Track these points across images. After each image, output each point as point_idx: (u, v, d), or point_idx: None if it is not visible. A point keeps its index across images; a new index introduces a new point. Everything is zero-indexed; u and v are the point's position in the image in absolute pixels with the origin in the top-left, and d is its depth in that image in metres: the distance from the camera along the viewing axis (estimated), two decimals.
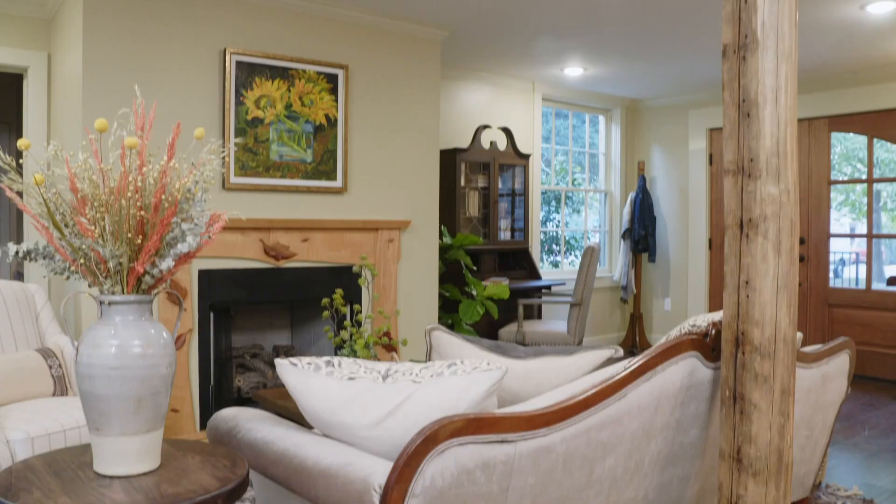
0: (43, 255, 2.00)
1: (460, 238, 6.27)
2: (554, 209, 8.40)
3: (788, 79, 2.08)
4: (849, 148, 7.20)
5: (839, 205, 7.32)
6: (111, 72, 4.25)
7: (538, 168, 7.70)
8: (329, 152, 5.00)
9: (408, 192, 5.47)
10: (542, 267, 8.02)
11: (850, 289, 7.05)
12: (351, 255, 5.11)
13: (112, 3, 4.25)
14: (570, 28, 5.61)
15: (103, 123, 1.77)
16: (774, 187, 2.04)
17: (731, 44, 2.12)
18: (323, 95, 4.97)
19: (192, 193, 1.82)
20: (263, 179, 4.73)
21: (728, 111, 2.12)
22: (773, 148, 2.04)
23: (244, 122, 4.65)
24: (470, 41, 6.00)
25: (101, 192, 1.81)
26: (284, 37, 4.86)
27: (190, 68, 4.51)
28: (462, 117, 7.10)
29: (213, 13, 4.59)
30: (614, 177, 8.66)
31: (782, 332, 2.07)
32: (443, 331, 2.50)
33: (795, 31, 2.11)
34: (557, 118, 8.20)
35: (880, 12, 5.07)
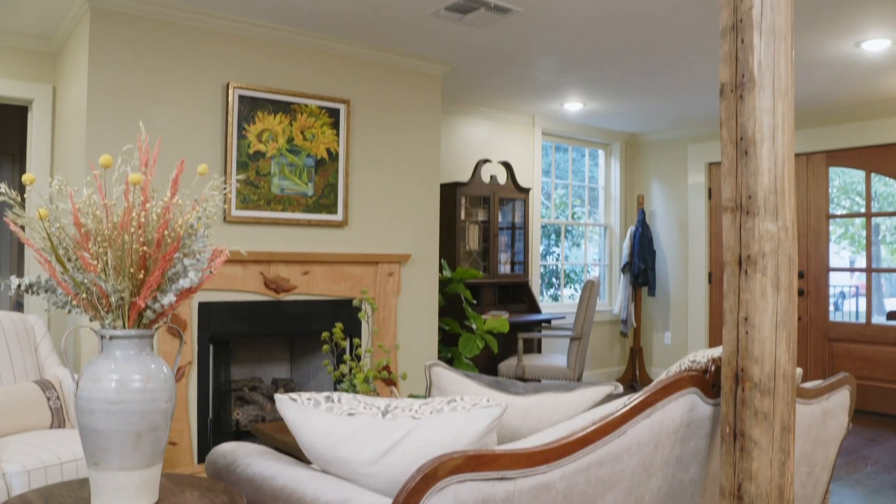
0: (45, 289, 2.01)
1: (460, 272, 6.28)
2: (554, 242, 8.42)
3: (785, 117, 2.10)
4: (847, 181, 7.25)
5: (838, 238, 7.35)
6: (115, 104, 4.29)
7: (538, 202, 7.73)
8: (330, 186, 5.03)
9: (408, 225, 5.50)
10: (541, 300, 8.01)
11: (850, 323, 7.05)
12: (351, 288, 5.11)
13: (117, 38, 4.30)
14: (569, 64, 5.67)
15: (108, 160, 1.79)
16: (773, 224, 2.05)
17: (728, 83, 2.15)
18: (324, 130, 5.01)
19: (194, 229, 1.84)
20: (265, 212, 4.76)
21: (726, 149, 2.14)
22: (771, 185, 2.06)
23: (246, 155, 4.69)
24: (470, 76, 6.06)
25: (104, 227, 1.83)
26: (287, 71, 4.91)
27: (193, 102, 4.56)
28: (462, 151, 7.15)
29: (217, 48, 4.64)
30: (614, 210, 8.70)
31: (782, 368, 2.07)
32: (442, 367, 2.50)
33: (792, 71, 2.14)
34: (557, 152, 8.26)
35: (875, 50, 5.13)
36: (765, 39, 2.09)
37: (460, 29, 4.84)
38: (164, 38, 4.47)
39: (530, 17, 4.62)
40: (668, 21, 4.65)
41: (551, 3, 4.36)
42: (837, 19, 4.55)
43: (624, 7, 4.42)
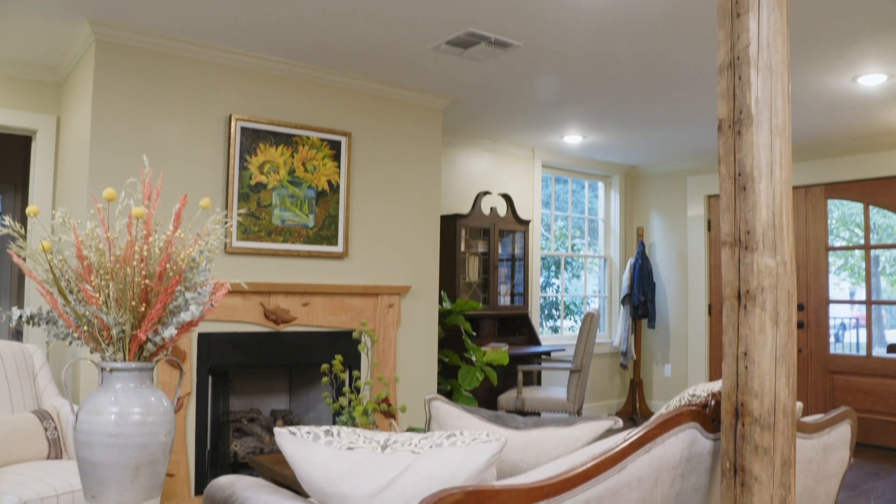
0: (46, 321, 2.02)
1: (460, 303, 6.28)
2: (553, 274, 8.43)
3: (783, 153, 2.12)
4: (846, 213, 7.27)
5: (838, 269, 7.36)
6: (118, 135, 4.32)
7: (538, 233, 7.75)
8: (331, 217, 5.05)
9: (408, 257, 5.51)
10: (541, 332, 8.00)
11: (850, 355, 7.03)
12: (351, 319, 5.11)
13: (121, 69, 4.35)
14: (569, 98, 5.73)
15: (111, 193, 1.81)
16: (771, 259, 2.06)
17: (726, 119, 2.17)
18: (326, 162, 5.04)
19: (196, 263, 1.85)
20: (265, 244, 4.77)
21: (724, 184, 2.16)
22: (769, 221, 2.07)
23: (248, 186, 4.71)
24: (471, 109, 6.11)
25: (106, 260, 1.84)
26: (289, 104, 4.95)
27: (196, 133, 4.59)
28: (463, 183, 7.18)
29: (220, 80, 4.69)
30: (613, 242, 8.72)
31: (782, 403, 2.07)
32: (442, 401, 2.49)
33: (789, 107, 2.16)
34: (557, 183, 8.30)
35: (871, 84, 5.18)
36: (762, 76, 2.12)
37: (461, 63, 4.89)
38: (168, 70, 4.51)
39: (530, 52, 4.67)
40: (666, 57, 4.70)
41: (551, 38, 4.41)
42: (834, 55, 4.60)
43: (622, 45, 4.47)
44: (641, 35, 4.34)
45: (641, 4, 3.88)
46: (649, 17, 4.06)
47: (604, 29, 4.24)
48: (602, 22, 4.13)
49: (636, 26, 4.20)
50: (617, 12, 3.99)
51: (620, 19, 4.09)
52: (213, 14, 4.11)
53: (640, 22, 4.13)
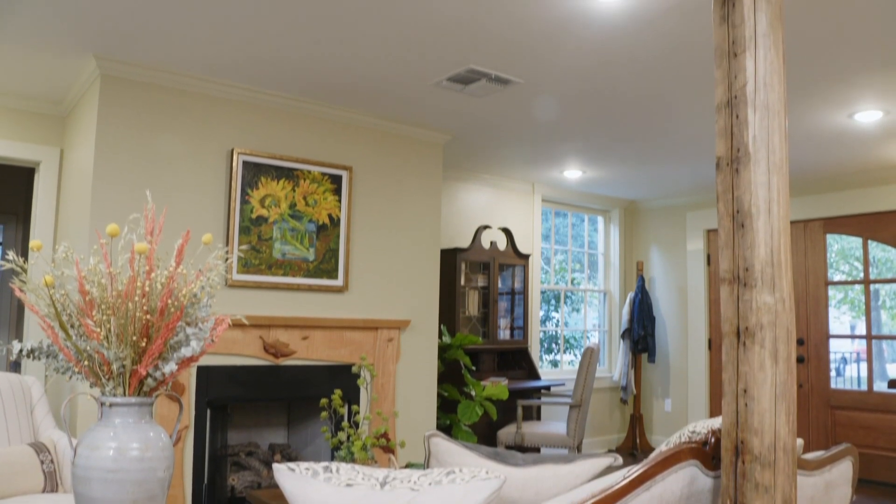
0: (46, 354, 2.02)
1: (460, 337, 6.27)
2: (553, 308, 8.43)
3: (780, 191, 2.14)
4: (846, 246, 7.29)
5: (838, 302, 7.35)
6: (121, 167, 4.35)
7: (538, 267, 7.77)
8: (331, 251, 5.07)
9: (408, 291, 5.51)
10: (541, 366, 7.98)
11: (852, 390, 7.00)
12: (350, 353, 5.11)
13: (125, 103, 4.39)
14: (568, 134, 5.77)
15: (115, 229, 1.82)
16: (770, 296, 2.07)
17: (724, 156, 2.19)
18: (327, 196, 5.07)
19: (197, 298, 1.86)
20: (266, 277, 4.78)
21: (723, 221, 2.17)
22: (768, 258, 2.08)
23: (249, 220, 4.73)
24: (471, 144, 6.16)
25: (108, 295, 1.85)
26: (290, 138, 4.99)
27: (198, 167, 4.62)
28: (463, 217, 7.21)
29: (223, 114, 4.73)
30: (613, 276, 8.73)
31: (782, 441, 2.06)
32: (441, 437, 2.49)
33: (786, 145, 2.19)
34: (557, 217, 8.33)
35: (868, 121, 5.23)
36: (759, 115, 2.14)
37: (462, 99, 4.94)
38: (171, 104, 4.56)
39: (530, 89, 4.72)
40: (664, 95, 4.75)
41: (550, 76, 4.46)
42: (831, 92, 4.65)
43: (620, 82, 4.52)
44: (639, 73, 4.39)
45: (638, 43, 3.93)
46: (647, 56, 4.11)
47: (602, 67, 4.29)
48: (600, 60, 4.18)
49: (634, 65, 4.25)
50: (615, 51, 4.04)
51: (618, 58, 4.14)
52: (216, 49, 4.16)
53: (638, 61, 4.18)
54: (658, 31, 3.77)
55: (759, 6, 2.18)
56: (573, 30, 3.78)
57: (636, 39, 3.90)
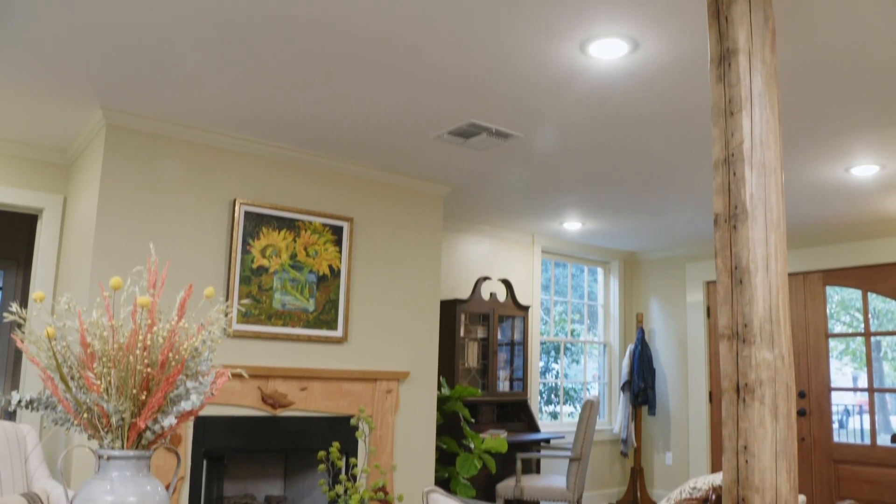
0: (45, 406, 2.02)
1: (459, 389, 6.24)
2: (553, 359, 8.40)
3: (778, 247, 2.16)
4: (846, 297, 7.29)
5: (840, 353, 7.33)
6: (124, 215, 4.38)
7: (537, 318, 7.76)
8: (331, 302, 5.08)
9: (408, 342, 5.51)
10: (540, 418, 7.92)
11: (854, 444, 6.94)
12: (349, 405, 5.08)
13: (130, 152, 4.44)
14: (568, 186, 5.82)
15: (118, 282, 1.84)
16: (769, 352, 2.08)
17: (722, 213, 2.22)
18: (327, 247, 5.09)
19: (198, 352, 1.86)
20: (265, 327, 4.78)
21: (721, 277, 2.19)
22: (766, 314, 2.10)
23: (249, 270, 4.75)
24: (471, 196, 6.20)
25: (109, 348, 1.85)
26: (292, 189, 5.04)
27: (200, 216, 4.66)
28: (462, 268, 7.23)
29: (225, 164, 4.78)
30: (613, 328, 8.71)
31: (783, 498, 2.05)
32: (440, 493, 2.47)
33: (783, 203, 2.22)
34: (557, 267, 8.35)
35: (864, 175, 5.28)
36: (756, 173, 2.18)
37: (462, 152, 4.99)
38: (175, 153, 4.61)
39: (530, 143, 4.78)
40: (662, 150, 4.81)
41: (550, 130, 4.52)
42: (827, 146, 4.71)
43: (618, 137, 4.58)
44: (637, 128, 4.45)
45: (636, 100, 3.99)
46: (645, 112, 4.17)
47: (601, 123, 4.35)
48: (599, 116, 4.24)
49: (632, 121, 4.31)
50: (613, 107, 4.10)
51: (617, 114, 4.21)
52: (220, 101, 4.23)
53: (636, 117, 4.24)
54: (656, 88, 3.84)
55: (755, 67, 2.23)
56: (573, 86, 3.85)
57: (634, 96, 3.96)
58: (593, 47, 3.37)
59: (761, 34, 2.31)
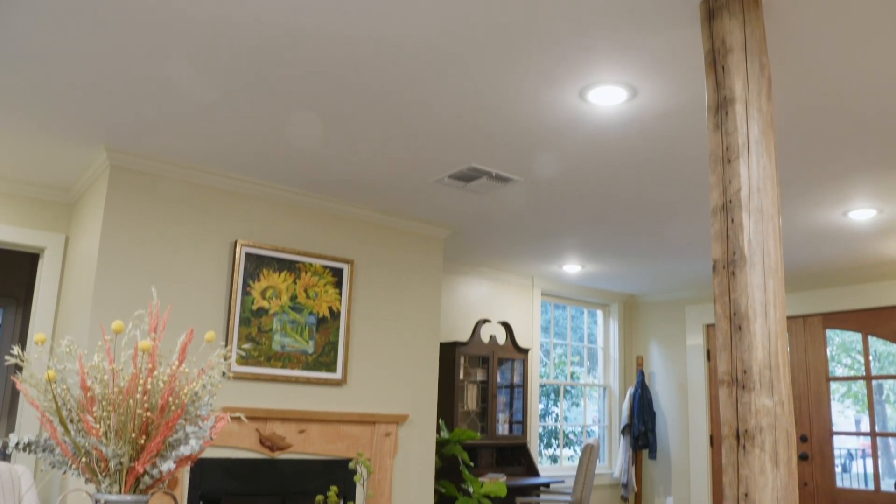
0: (43, 448, 2.01)
1: (458, 433, 6.20)
2: (553, 402, 8.35)
3: (776, 293, 2.18)
4: (847, 340, 7.28)
5: (842, 396, 7.30)
6: (125, 256, 4.40)
7: (537, 361, 7.74)
8: (330, 344, 5.07)
9: (407, 385, 5.49)
10: (540, 462, 7.85)
11: (858, 490, 6.87)
12: (347, 448, 5.04)
13: (132, 193, 4.47)
14: (567, 230, 5.85)
15: (120, 326, 1.84)
16: (769, 399, 2.08)
17: (720, 259, 2.24)
18: (328, 289, 5.10)
19: (199, 397, 1.86)
20: (264, 369, 4.77)
21: (720, 323, 2.20)
22: (766, 360, 2.10)
23: (249, 311, 4.75)
24: (471, 239, 6.23)
25: (109, 392, 1.85)
26: (293, 231, 5.06)
27: (201, 257, 4.67)
28: (462, 311, 7.23)
29: (227, 206, 4.81)
30: (613, 371, 8.68)
31: None
32: None
33: (780, 249, 2.23)
34: (556, 309, 8.35)
35: (862, 219, 5.31)
36: (753, 219, 2.20)
37: (463, 195, 5.03)
38: (178, 195, 4.64)
39: (529, 187, 4.81)
40: (660, 195, 4.84)
41: (550, 175, 4.56)
42: (824, 191, 4.74)
43: (618, 183, 4.61)
44: (636, 173, 4.48)
45: (635, 145, 4.03)
46: (643, 158, 4.21)
47: (600, 168, 4.39)
48: (598, 161, 4.28)
49: (631, 166, 4.35)
50: (612, 152, 4.14)
51: (615, 159, 4.24)
52: (223, 143, 4.27)
53: (634, 162, 4.28)
54: (654, 134, 3.88)
55: (751, 115, 2.26)
56: (572, 132, 3.89)
57: (633, 142, 4.01)
58: (592, 94, 3.42)
59: (757, 83, 2.35)
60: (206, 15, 2.87)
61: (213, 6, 2.80)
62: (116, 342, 1.98)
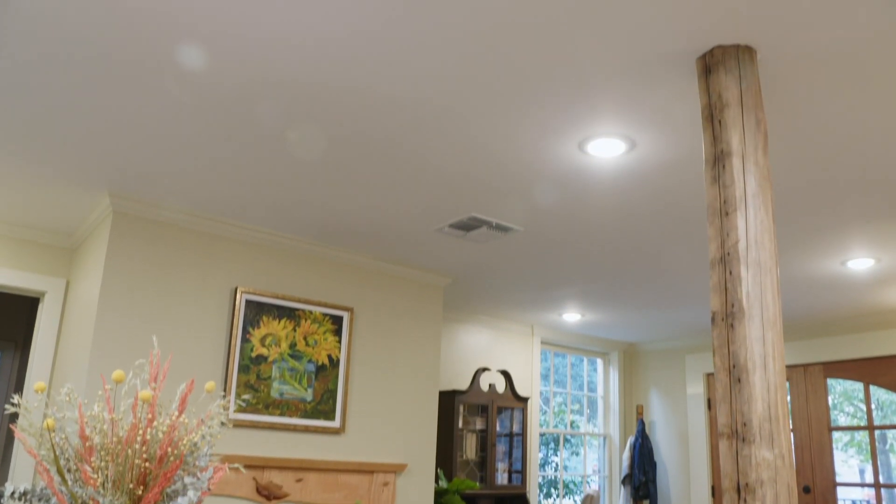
0: (39, 498, 2.00)
1: (456, 482, 6.13)
2: (552, 451, 8.28)
3: (775, 346, 2.18)
4: (848, 388, 7.24)
5: (845, 445, 7.23)
6: (126, 301, 4.40)
7: (537, 410, 7.69)
8: (329, 392, 5.05)
9: (405, 433, 5.45)
10: None
11: None
12: (345, 497, 4.99)
13: (134, 238, 4.50)
14: (567, 279, 5.87)
15: (120, 375, 1.85)
16: (769, 452, 2.07)
17: (719, 311, 2.25)
18: (327, 336, 5.10)
19: (198, 447, 1.86)
20: (262, 416, 4.74)
21: (720, 375, 2.20)
22: (765, 413, 2.10)
23: (248, 358, 4.74)
24: (471, 287, 6.24)
25: (108, 441, 1.85)
26: (293, 278, 5.08)
27: (201, 303, 4.68)
28: (461, 359, 7.21)
29: (228, 252, 4.83)
30: (613, 420, 8.62)
31: None
32: None
33: (779, 301, 2.25)
34: (556, 357, 8.32)
35: (861, 268, 5.33)
36: (751, 272, 2.21)
37: (463, 244, 5.06)
38: (180, 241, 4.66)
39: (529, 237, 4.84)
40: (660, 245, 4.87)
41: (549, 225, 4.60)
42: (822, 241, 4.77)
43: (617, 233, 4.64)
44: (635, 224, 4.51)
45: (633, 197, 4.07)
46: (641, 209, 4.25)
47: (599, 218, 4.42)
48: (597, 212, 4.32)
49: (630, 217, 4.38)
50: (610, 203, 4.18)
51: (614, 210, 4.28)
52: (225, 191, 4.31)
53: (633, 213, 4.31)
54: (653, 185, 3.92)
55: (748, 169, 2.30)
56: (571, 183, 3.93)
57: (632, 193, 4.04)
58: (591, 146, 3.46)
59: (754, 137, 2.39)
60: (207, 73, 2.92)
61: (212, 64, 2.85)
62: (116, 391, 1.98)
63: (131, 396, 1.98)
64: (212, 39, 2.72)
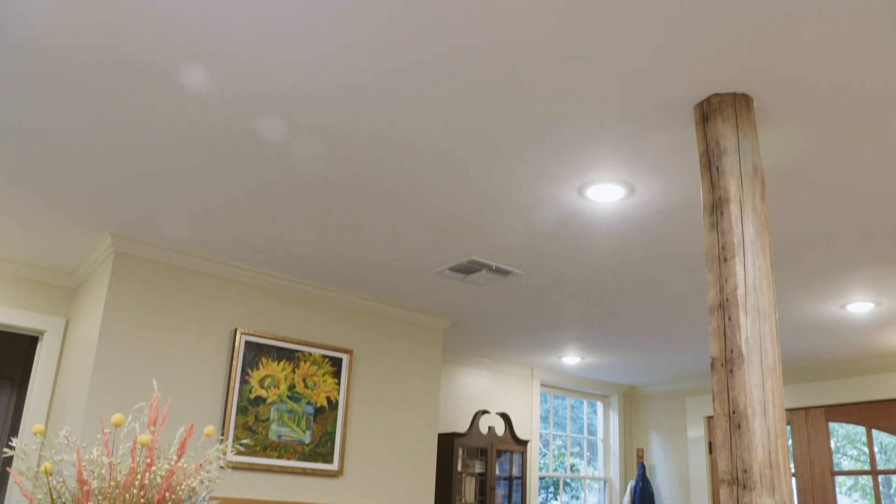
0: None
1: None
2: (552, 495, 8.19)
3: (775, 392, 2.18)
4: (851, 431, 7.18)
5: (849, 489, 7.14)
6: (125, 341, 4.40)
7: (536, 453, 7.63)
8: (328, 434, 5.02)
9: (404, 476, 5.40)
10: None
11: None
12: None
13: (135, 279, 4.50)
14: (566, 322, 5.87)
15: (120, 419, 1.85)
16: (770, 499, 2.06)
17: (718, 357, 2.25)
18: (326, 378, 5.08)
19: (196, 492, 1.85)
20: (260, 459, 4.71)
21: (719, 421, 2.20)
22: (766, 459, 2.09)
23: (247, 400, 4.72)
24: (471, 329, 6.24)
25: (106, 486, 1.84)
26: (293, 320, 5.08)
27: (201, 345, 4.67)
28: (461, 401, 7.17)
29: (228, 294, 4.84)
30: (613, 463, 8.54)
31: None
32: None
33: (778, 347, 2.25)
34: (556, 399, 8.27)
35: (860, 312, 5.33)
36: (750, 318, 2.22)
37: (463, 287, 5.07)
38: (180, 282, 4.67)
39: (529, 280, 4.86)
40: (659, 289, 4.88)
41: (549, 269, 4.61)
42: (821, 284, 4.78)
43: (616, 277, 4.66)
44: (633, 268, 4.53)
45: (631, 241, 4.09)
46: (640, 254, 4.27)
47: (598, 262, 4.44)
48: (596, 256, 4.34)
49: (628, 261, 4.39)
50: (609, 248, 4.20)
51: (613, 254, 4.30)
52: (226, 233, 4.33)
53: (632, 258, 4.33)
54: (652, 230, 3.94)
55: (746, 215, 2.32)
56: (570, 227, 3.95)
57: (631, 237, 4.06)
58: (591, 191, 3.49)
59: (751, 184, 2.41)
60: (209, 117, 2.96)
61: (214, 109, 2.89)
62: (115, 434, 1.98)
63: (130, 440, 1.97)
64: (215, 83, 2.76)
